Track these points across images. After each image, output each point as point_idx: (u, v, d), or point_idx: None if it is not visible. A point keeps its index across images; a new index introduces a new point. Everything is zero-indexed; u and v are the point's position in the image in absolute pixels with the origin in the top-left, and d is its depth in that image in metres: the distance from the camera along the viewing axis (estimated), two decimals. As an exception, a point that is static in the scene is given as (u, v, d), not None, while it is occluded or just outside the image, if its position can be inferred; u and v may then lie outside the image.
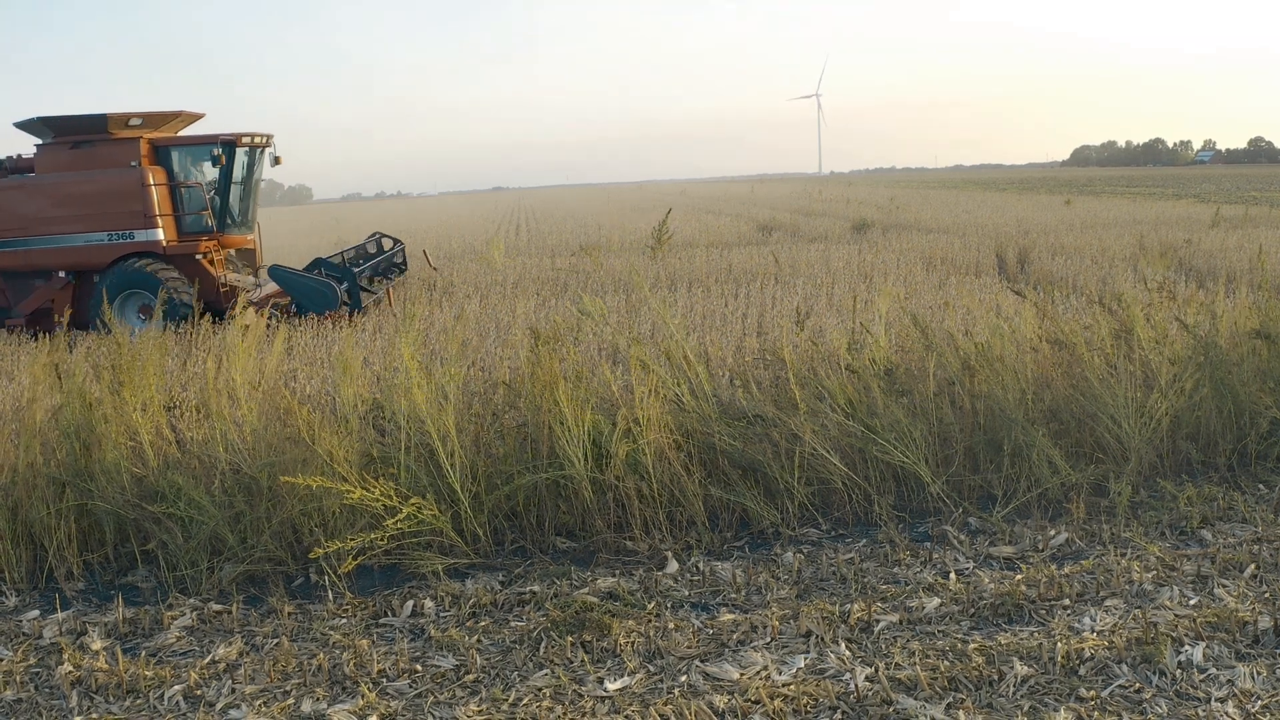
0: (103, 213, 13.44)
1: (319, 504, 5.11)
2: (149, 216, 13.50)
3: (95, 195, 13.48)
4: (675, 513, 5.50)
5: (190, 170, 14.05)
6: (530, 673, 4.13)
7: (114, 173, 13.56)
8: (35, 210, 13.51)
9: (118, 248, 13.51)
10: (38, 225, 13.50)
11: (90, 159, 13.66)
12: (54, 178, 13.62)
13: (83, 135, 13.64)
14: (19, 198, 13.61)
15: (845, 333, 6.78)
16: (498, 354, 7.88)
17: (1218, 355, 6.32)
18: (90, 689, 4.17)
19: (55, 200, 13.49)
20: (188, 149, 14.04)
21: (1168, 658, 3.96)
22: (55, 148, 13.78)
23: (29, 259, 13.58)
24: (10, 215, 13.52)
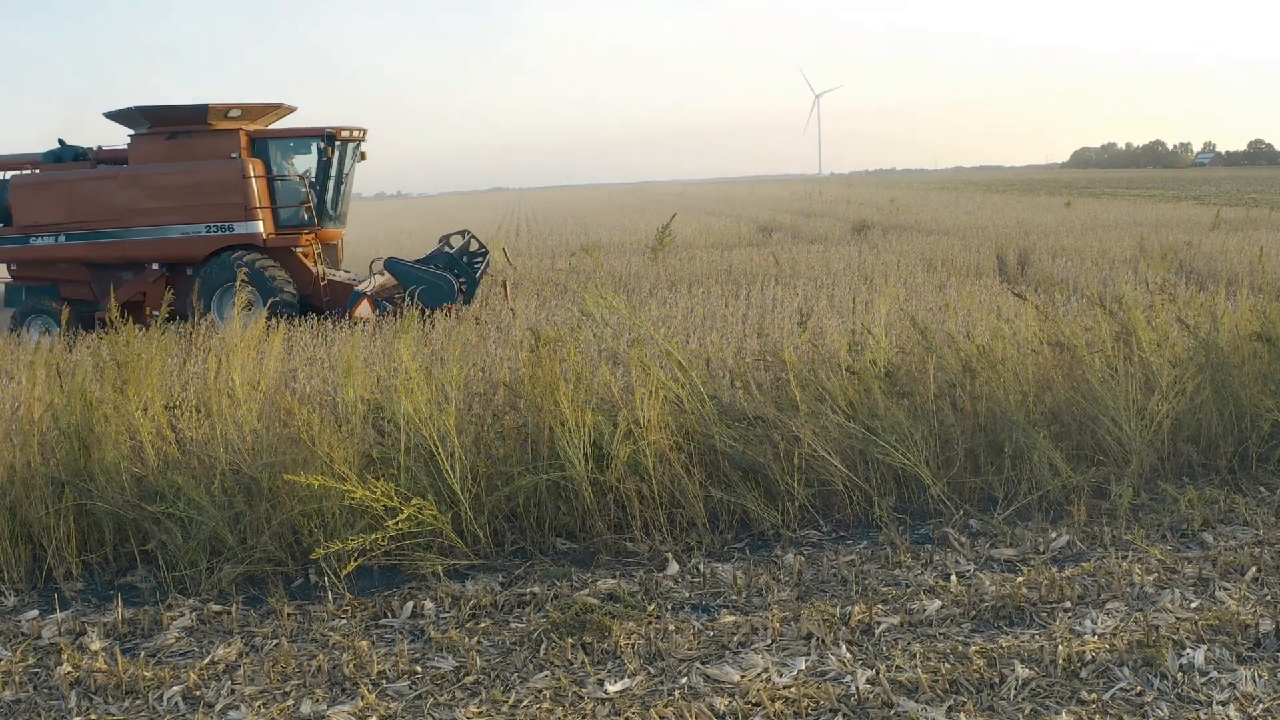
0: (201, 204, 13.28)
1: (319, 505, 5.10)
2: (249, 209, 13.36)
3: (193, 187, 13.33)
4: (676, 514, 5.49)
5: (285, 163, 13.95)
6: (530, 674, 4.12)
7: (214, 164, 13.39)
8: (130, 201, 13.32)
9: (216, 240, 13.36)
10: (132, 216, 13.30)
11: (187, 150, 13.48)
12: (150, 168, 13.44)
13: (180, 126, 13.45)
14: (112, 188, 13.41)
15: (846, 334, 6.77)
16: (498, 355, 7.87)
17: (1219, 358, 6.32)
18: (89, 689, 4.16)
19: (151, 191, 13.32)
20: (285, 142, 13.93)
21: (1169, 661, 3.96)
22: (151, 138, 13.54)
23: (122, 250, 13.40)
24: (103, 206, 13.32)
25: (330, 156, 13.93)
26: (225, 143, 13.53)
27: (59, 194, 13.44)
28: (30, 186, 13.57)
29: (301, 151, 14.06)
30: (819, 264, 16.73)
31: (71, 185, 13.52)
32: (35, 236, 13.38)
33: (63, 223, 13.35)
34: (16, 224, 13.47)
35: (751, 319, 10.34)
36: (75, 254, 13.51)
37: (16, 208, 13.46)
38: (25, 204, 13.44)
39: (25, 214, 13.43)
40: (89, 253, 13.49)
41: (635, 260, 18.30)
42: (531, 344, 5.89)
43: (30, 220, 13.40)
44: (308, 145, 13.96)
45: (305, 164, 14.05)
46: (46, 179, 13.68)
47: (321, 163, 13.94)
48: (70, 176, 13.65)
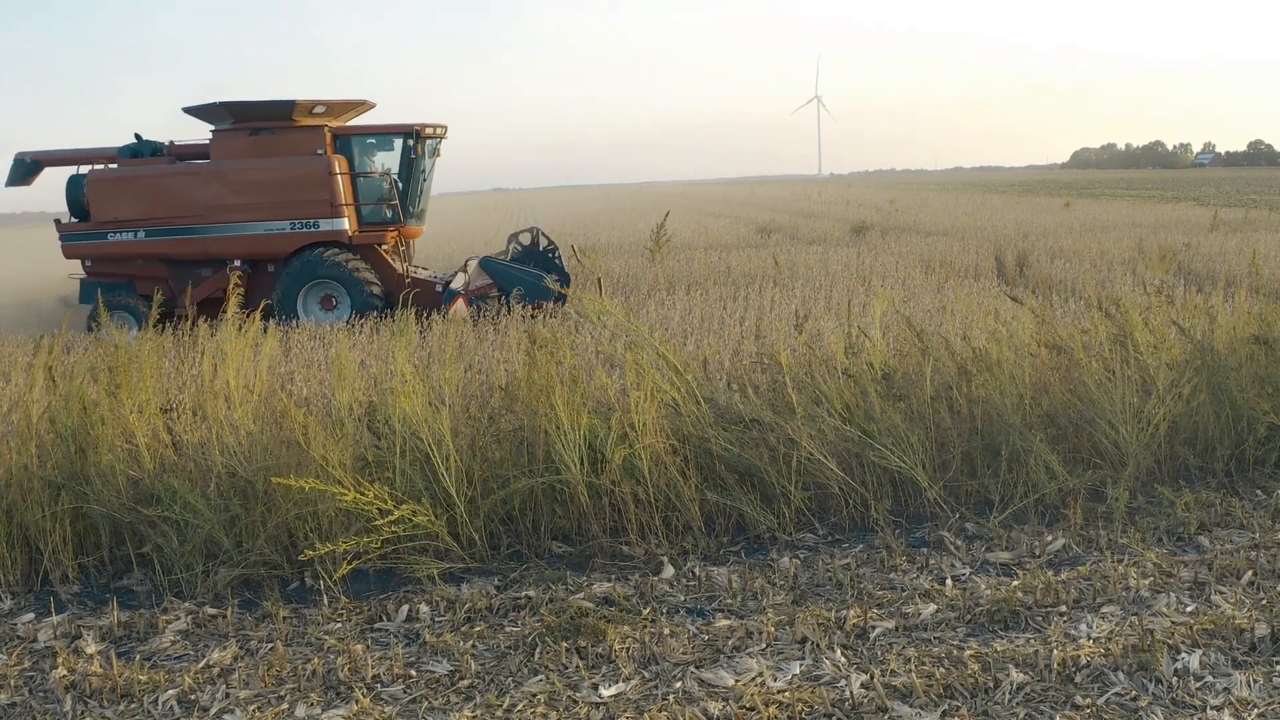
0: (286, 201, 13.20)
1: (314, 508, 5.10)
2: (335, 206, 13.28)
3: (279, 183, 13.23)
4: (671, 517, 5.49)
5: (367, 160, 13.88)
6: (525, 678, 4.11)
7: (299, 160, 13.30)
8: (212, 197, 13.21)
9: (301, 237, 13.26)
10: (215, 213, 13.19)
11: (271, 146, 13.39)
12: (233, 164, 13.33)
13: (265, 121, 13.36)
14: (195, 184, 13.29)
15: (843, 336, 6.76)
16: (495, 357, 7.87)
17: (1216, 360, 6.32)
18: (84, 693, 4.15)
19: (235, 187, 13.21)
20: (368, 138, 13.85)
21: (1164, 665, 3.95)
22: (233, 134, 13.44)
23: (204, 247, 13.28)
24: (185, 202, 13.21)
25: (414, 153, 13.88)
26: (310, 139, 13.43)
27: (139, 189, 13.32)
28: (109, 181, 13.41)
29: (384, 149, 14.00)
30: (817, 265, 16.73)
31: (152, 180, 13.41)
32: (113, 232, 13.24)
33: (142, 218, 13.22)
34: (94, 219, 13.30)
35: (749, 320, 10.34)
36: (155, 250, 13.36)
37: (94, 203, 13.29)
38: (104, 199, 13.27)
39: (103, 209, 13.26)
40: (169, 249, 13.35)
41: (634, 261, 18.29)
42: (527, 347, 5.89)
43: (109, 216, 13.23)
44: (390, 142, 13.91)
45: (385, 161, 13.99)
46: (126, 174, 13.52)
47: (404, 160, 13.89)
48: (150, 172, 13.53)
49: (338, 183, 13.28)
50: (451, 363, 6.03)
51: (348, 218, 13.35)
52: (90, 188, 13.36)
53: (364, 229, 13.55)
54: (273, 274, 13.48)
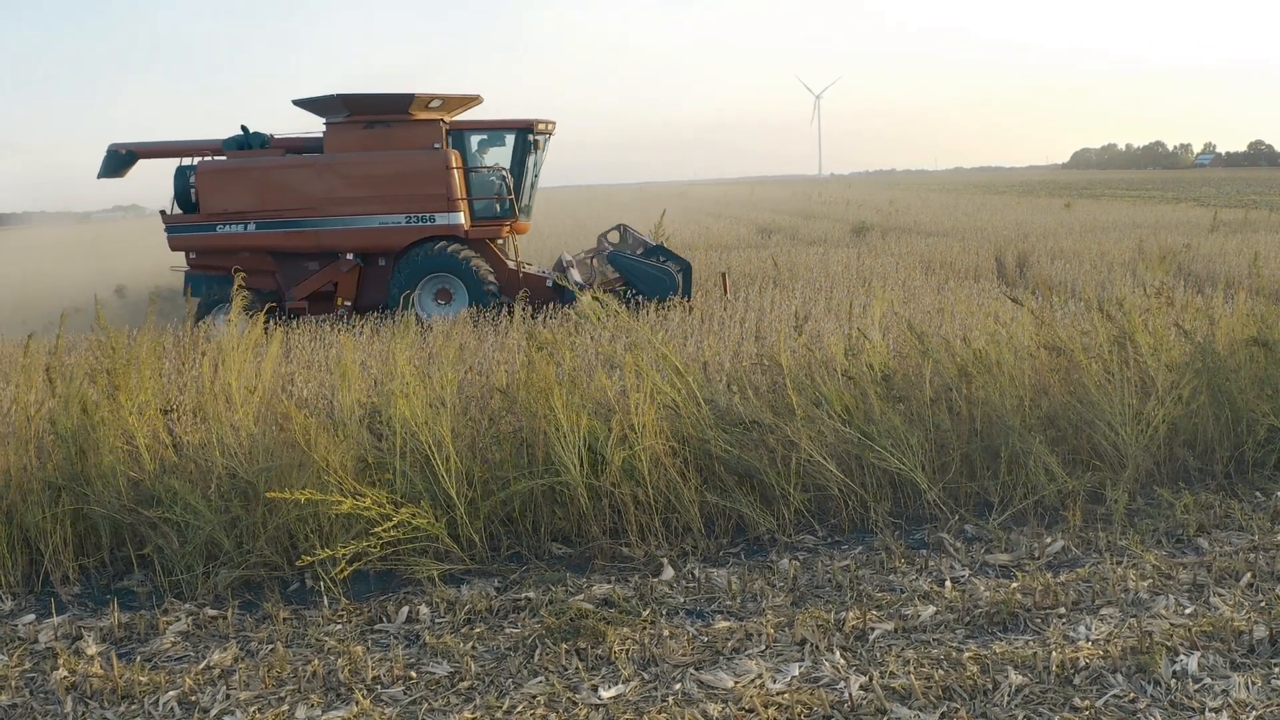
0: (402, 195, 13.13)
1: (314, 509, 5.10)
2: (452, 200, 13.23)
3: (395, 177, 13.16)
4: (671, 519, 5.50)
5: (479, 155, 13.86)
6: (525, 680, 4.12)
7: (417, 154, 13.26)
8: (326, 190, 13.12)
9: (416, 230, 13.18)
10: (328, 205, 13.10)
11: (387, 139, 13.31)
12: (349, 157, 13.25)
13: (381, 114, 13.29)
14: (308, 176, 13.19)
15: (843, 338, 6.77)
16: (495, 358, 7.87)
17: (1215, 362, 6.32)
18: (85, 694, 4.16)
19: (350, 181, 13.14)
20: (481, 133, 13.84)
21: (1163, 667, 3.96)
22: (348, 127, 13.36)
23: (318, 240, 13.19)
24: (298, 194, 13.11)
25: (526, 149, 13.87)
26: (426, 133, 13.38)
27: (250, 181, 13.20)
28: (219, 173, 13.29)
29: (495, 144, 13.98)
30: (817, 266, 16.72)
31: (263, 172, 13.30)
32: (222, 224, 13.12)
33: (253, 210, 13.10)
34: (203, 211, 13.16)
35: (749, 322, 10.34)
36: (265, 243, 13.24)
37: (203, 194, 13.16)
38: (213, 190, 13.14)
39: (213, 201, 13.13)
40: (280, 241, 13.24)
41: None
42: (527, 348, 5.90)
43: (218, 207, 13.11)
44: (501, 137, 13.88)
45: (495, 156, 13.98)
46: (236, 165, 13.40)
47: (515, 155, 13.85)
48: (262, 163, 13.43)
49: (454, 177, 13.27)
50: (451, 364, 6.04)
51: (463, 212, 13.35)
52: (200, 179, 13.23)
53: (477, 224, 13.57)
54: (383, 268, 13.46)
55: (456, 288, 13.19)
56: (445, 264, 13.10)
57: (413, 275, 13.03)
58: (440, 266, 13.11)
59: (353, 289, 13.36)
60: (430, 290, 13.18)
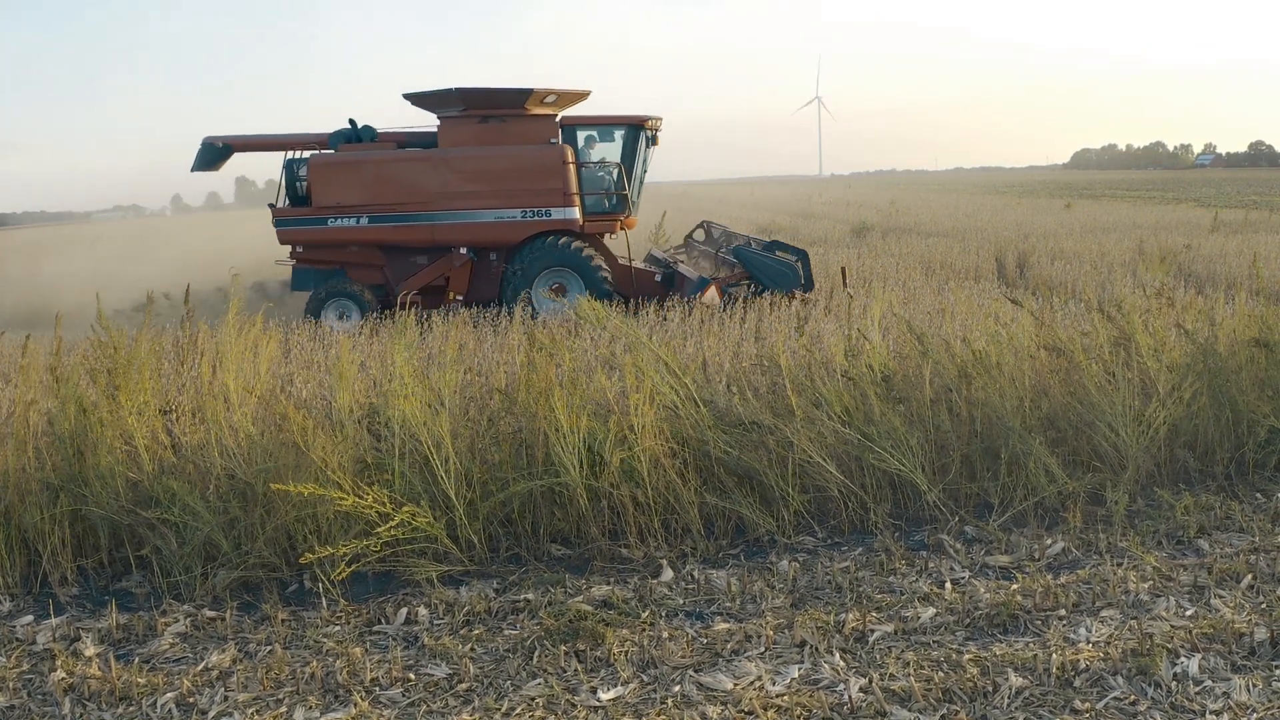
0: (519, 189, 13.16)
1: (313, 510, 5.09)
2: (568, 195, 13.26)
3: (511, 171, 13.21)
4: (670, 520, 5.49)
5: (587, 149, 13.87)
6: (524, 682, 4.11)
7: (534, 149, 13.29)
8: (441, 184, 13.15)
9: (532, 225, 13.22)
10: (443, 200, 13.12)
11: (502, 134, 13.34)
12: (465, 151, 13.28)
13: (498, 109, 13.32)
14: (423, 170, 13.22)
15: (843, 339, 6.76)
16: (495, 359, 7.86)
17: (1216, 363, 6.31)
18: (83, 696, 4.15)
19: (465, 175, 13.17)
20: (591, 128, 13.85)
21: (1163, 669, 3.95)
22: (463, 121, 13.38)
23: (432, 234, 13.21)
24: (412, 188, 13.14)
25: (636, 144, 13.91)
26: (542, 128, 13.41)
27: (364, 174, 13.21)
28: (333, 166, 13.29)
29: (605, 139, 14.00)
30: (818, 266, 16.68)
31: (377, 166, 13.32)
32: (334, 218, 13.11)
33: (366, 204, 13.11)
34: (316, 204, 13.16)
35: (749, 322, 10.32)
36: (377, 237, 13.26)
37: (317, 188, 13.15)
38: (326, 184, 13.14)
39: (326, 194, 13.12)
40: (393, 236, 13.25)
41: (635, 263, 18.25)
42: (526, 349, 5.89)
43: (331, 201, 13.11)
44: (611, 133, 13.92)
45: (605, 151, 14.03)
46: (350, 159, 13.39)
47: (626, 150, 13.91)
48: (375, 157, 13.44)
49: (570, 172, 13.31)
50: (451, 365, 6.03)
51: (578, 207, 13.38)
52: (313, 172, 13.21)
53: (589, 219, 13.61)
54: (495, 262, 13.50)
55: (572, 283, 13.24)
56: (564, 258, 13.15)
57: (530, 270, 13.06)
58: (559, 261, 13.16)
59: (464, 283, 13.40)
60: (545, 285, 13.20)
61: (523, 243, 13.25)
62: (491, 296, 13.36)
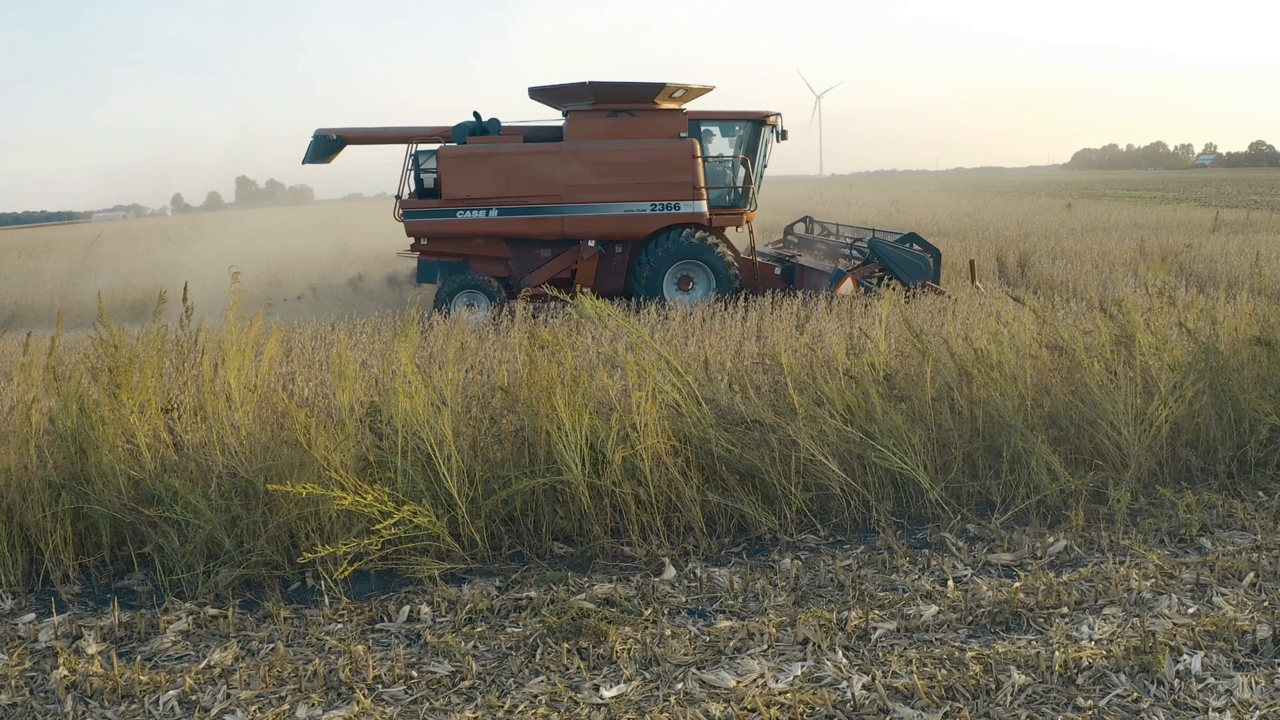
0: (649, 183, 13.29)
1: (315, 508, 5.09)
2: (696, 188, 13.40)
3: (642, 165, 13.31)
4: (673, 518, 5.49)
5: (709, 144, 13.98)
6: (526, 679, 4.11)
7: (664, 143, 13.39)
8: (572, 177, 13.24)
9: (661, 218, 13.34)
10: (573, 193, 13.22)
11: (631, 128, 13.45)
12: (595, 145, 13.37)
13: (630, 103, 13.41)
14: (554, 163, 13.31)
15: (844, 338, 6.76)
16: (497, 357, 7.86)
17: (1218, 362, 6.31)
18: (85, 693, 4.15)
19: (596, 168, 13.27)
20: (714, 123, 13.97)
21: (1166, 667, 3.95)
22: (591, 115, 13.48)
23: (562, 226, 13.32)
24: (543, 181, 13.24)
25: (757, 139, 14.04)
26: (670, 122, 13.52)
27: (494, 167, 13.32)
28: (463, 159, 13.38)
29: (726, 134, 14.12)
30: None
31: (508, 159, 13.41)
32: (463, 210, 13.22)
33: (496, 196, 13.21)
34: (445, 196, 13.24)
35: (750, 322, 10.32)
36: (506, 229, 13.36)
37: (446, 180, 13.24)
38: (457, 176, 13.23)
39: (456, 186, 13.22)
40: (523, 228, 13.35)
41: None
42: (528, 347, 5.88)
43: (461, 193, 13.21)
44: (732, 128, 14.03)
45: (726, 145, 14.15)
46: (481, 151, 13.47)
47: (747, 145, 14.05)
48: (507, 150, 13.52)
49: (699, 166, 13.41)
50: (453, 363, 6.03)
51: (705, 201, 13.48)
52: (443, 164, 13.29)
53: (714, 212, 13.71)
54: (621, 255, 13.58)
55: (700, 276, 13.38)
56: (695, 251, 13.29)
57: (662, 262, 13.17)
58: (690, 254, 13.29)
59: (592, 276, 13.49)
60: (674, 277, 13.30)
61: (651, 236, 13.36)
62: (616, 289, 13.50)
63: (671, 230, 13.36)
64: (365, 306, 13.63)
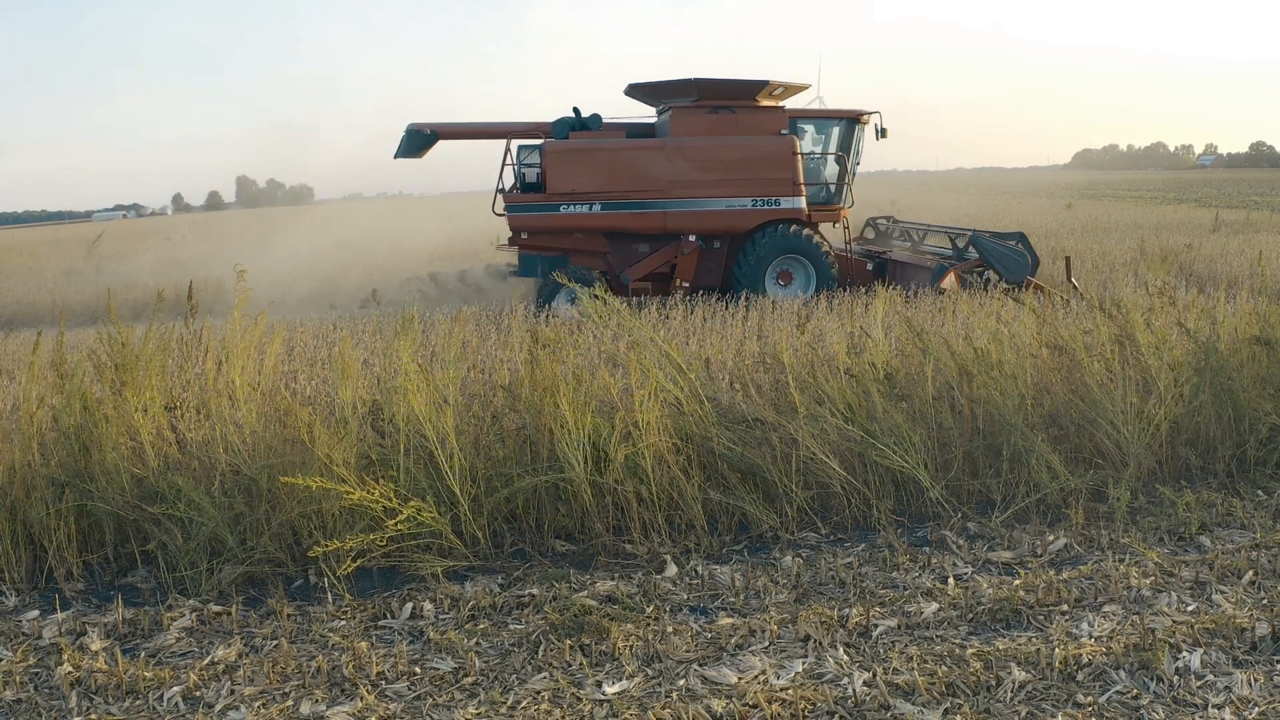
0: (750, 179, 13.42)
1: (318, 506, 5.11)
2: (796, 184, 13.55)
3: (745, 161, 13.44)
4: (674, 516, 5.51)
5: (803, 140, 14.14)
6: (529, 675, 4.13)
7: (766, 140, 13.54)
8: (675, 173, 13.35)
9: (762, 214, 13.47)
10: (676, 188, 13.33)
11: (733, 125, 13.58)
12: (699, 140, 13.49)
13: (733, 99, 13.56)
14: (658, 159, 13.43)
15: (845, 337, 6.78)
16: (498, 356, 7.88)
17: (1218, 361, 6.33)
18: (90, 689, 4.17)
19: (699, 164, 13.38)
20: (812, 120, 14.17)
21: (1165, 664, 3.97)
22: (695, 111, 13.60)
23: (664, 221, 13.43)
24: (647, 176, 13.35)
25: (851, 137, 14.21)
26: (771, 119, 13.69)
27: (599, 162, 13.43)
28: (568, 154, 13.47)
29: (821, 131, 14.28)
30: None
31: (612, 154, 13.52)
32: (566, 204, 13.30)
33: (600, 191, 13.32)
34: (550, 190, 13.33)
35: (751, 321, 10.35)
36: (609, 223, 13.46)
37: (552, 174, 13.33)
38: (563, 171, 13.33)
39: (561, 181, 13.31)
40: (626, 222, 13.45)
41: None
42: (530, 346, 5.90)
43: (566, 187, 13.31)
44: (827, 125, 14.22)
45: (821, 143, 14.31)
46: (586, 146, 13.58)
47: (842, 143, 14.23)
48: (611, 145, 13.64)
49: (799, 162, 13.55)
50: (454, 362, 6.04)
51: (804, 197, 13.63)
52: (549, 159, 13.39)
53: (812, 208, 13.86)
54: (718, 250, 13.69)
55: (800, 270, 13.52)
56: (798, 246, 13.44)
57: (765, 257, 13.30)
58: (792, 249, 13.43)
59: (692, 270, 13.62)
60: (774, 272, 13.42)
61: (752, 231, 13.49)
62: (714, 283, 13.62)
63: (771, 225, 13.52)
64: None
